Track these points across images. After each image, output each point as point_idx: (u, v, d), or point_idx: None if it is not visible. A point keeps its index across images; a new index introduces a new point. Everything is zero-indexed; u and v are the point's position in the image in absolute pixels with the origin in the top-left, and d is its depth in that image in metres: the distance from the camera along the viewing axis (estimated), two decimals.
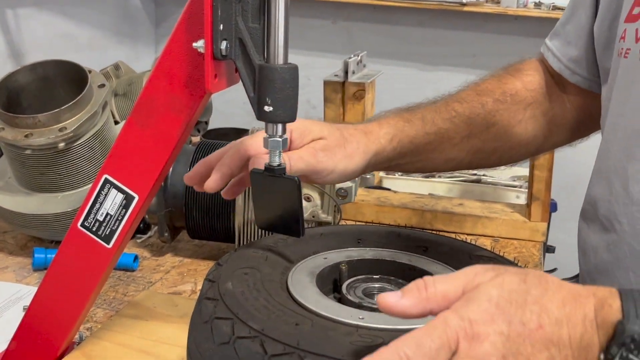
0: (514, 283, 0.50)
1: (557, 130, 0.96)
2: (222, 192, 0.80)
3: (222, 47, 0.63)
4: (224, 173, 0.76)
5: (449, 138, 0.89)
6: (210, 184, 0.76)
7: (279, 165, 0.69)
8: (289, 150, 0.78)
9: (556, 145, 1.00)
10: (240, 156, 0.76)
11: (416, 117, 0.89)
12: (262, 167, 0.70)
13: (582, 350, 0.48)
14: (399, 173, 1.76)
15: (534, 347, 0.47)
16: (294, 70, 0.64)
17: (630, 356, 0.46)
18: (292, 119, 0.66)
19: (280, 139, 0.67)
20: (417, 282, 0.51)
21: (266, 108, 0.64)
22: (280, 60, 0.64)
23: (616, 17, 0.83)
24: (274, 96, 0.64)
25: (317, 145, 0.78)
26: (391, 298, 0.51)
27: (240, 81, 0.66)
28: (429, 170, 0.93)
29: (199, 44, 0.63)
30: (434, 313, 0.51)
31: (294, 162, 0.74)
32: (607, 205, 0.80)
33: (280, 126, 0.67)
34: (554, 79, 0.96)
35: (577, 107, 0.95)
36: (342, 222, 1.13)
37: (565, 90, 0.95)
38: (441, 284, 0.51)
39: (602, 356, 0.48)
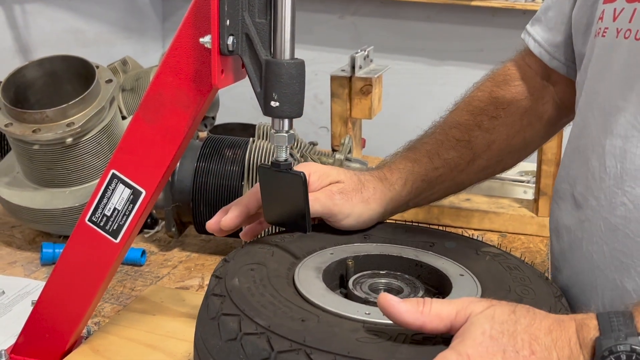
0: (504, 314, 0.55)
1: (554, 130, 0.99)
2: (240, 234, 0.82)
3: (228, 43, 0.63)
4: (241, 211, 0.78)
5: (456, 165, 0.91)
6: (227, 222, 0.77)
7: (285, 160, 0.69)
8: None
9: (551, 136, 1.02)
10: (258, 197, 0.77)
11: (421, 154, 0.90)
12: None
13: None
14: None
15: None
16: (300, 65, 0.64)
17: None
18: (299, 114, 0.66)
19: (286, 134, 0.67)
20: (417, 299, 0.57)
21: (273, 103, 0.64)
22: (287, 56, 0.64)
23: (595, 1, 0.83)
24: (281, 91, 0.64)
25: (334, 188, 0.80)
26: (392, 299, 0.57)
27: (247, 76, 0.66)
28: (443, 197, 0.95)
29: (206, 40, 0.63)
30: (425, 329, 0.56)
31: (310, 203, 0.75)
32: (584, 182, 0.80)
33: (286, 121, 0.67)
34: (539, 76, 0.96)
35: (566, 101, 0.95)
36: None
37: (552, 84, 0.96)
38: (437, 304, 0.57)
39: None
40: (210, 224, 0.79)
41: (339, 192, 0.79)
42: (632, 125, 0.72)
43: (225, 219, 0.77)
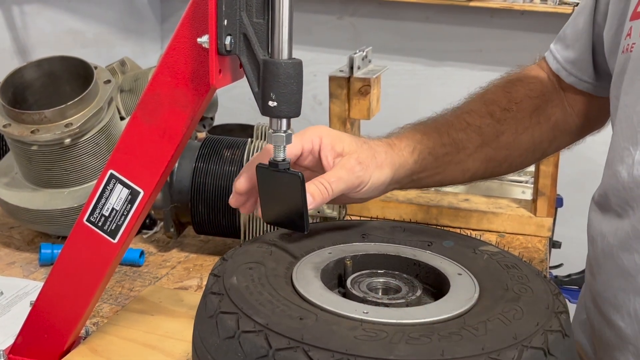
0: None
1: (560, 135, 1.00)
2: (241, 208, 0.80)
3: (226, 43, 0.63)
4: (252, 172, 0.75)
5: (464, 148, 0.91)
6: (240, 185, 0.76)
7: (283, 160, 0.69)
8: (319, 154, 0.78)
9: (559, 148, 1.04)
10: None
11: (431, 129, 0.91)
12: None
13: None
14: None
15: None
16: (298, 65, 0.65)
17: None
18: (297, 114, 0.66)
19: (284, 134, 0.67)
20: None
21: (270, 103, 0.64)
22: (285, 56, 0.64)
23: (622, 20, 0.86)
24: (279, 91, 0.64)
25: (351, 161, 0.79)
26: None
27: (245, 76, 0.67)
28: (447, 183, 0.94)
29: (204, 40, 0.63)
30: None
31: (335, 185, 0.75)
32: (616, 192, 0.83)
33: (284, 121, 0.67)
34: (554, 83, 1.00)
35: (577, 111, 0.99)
36: (347, 218, 1.14)
37: (565, 94, 0.99)
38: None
39: None
40: (231, 199, 0.78)
41: (357, 164, 0.79)
42: None
43: (238, 182, 0.76)
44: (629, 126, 0.80)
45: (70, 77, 1.16)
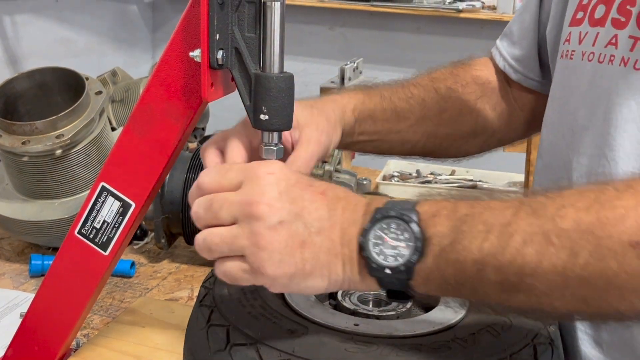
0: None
1: (505, 127, 1.00)
2: None
3: (218, 57, 0.63)
4: (244, 143, 0.72)
5: (405, 118, 0.91)
6: (233, 157, 0.72)
7: None
8: None
9: (503, 142, 1.02)
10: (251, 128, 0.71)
11: (374, 92, 0.91)
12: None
13: (351, 224, 0.56)
14: (396, 179, 1.76)
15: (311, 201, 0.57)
16: (289, 79, 0.65)
17: (378, 230, 0.55)
18: (288, 127, 0.66)
19: (275, 148, 0.67)
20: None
21: (262, 116, 0.65)
22: (276, 70, 0.65)
23: (561, 21, 0.86)
24: (270, 105, 0.64)
25: (315, 132, 0.77)
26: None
27: (237, 90, 0.67)
28: (385, 150, 0.93)
29: (196, 54, 0.63)
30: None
31: (312, 162, 0.75)
32: None
33: (276, 134, 0.67)
34: (501, 77, 0.99)
35: (523, 106, 0.98)
36: None
37: (512, 89, 0.98)
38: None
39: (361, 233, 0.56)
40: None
41: (321, 134, 0.77)
42: (596, 145, 0.74)
43: (231, 155, 0.70)
44: (569, 133, 0.80)
45: (61, 88, 1.16)
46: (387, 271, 0.54)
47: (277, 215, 0.55)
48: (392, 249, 0.54)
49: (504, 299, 0.53)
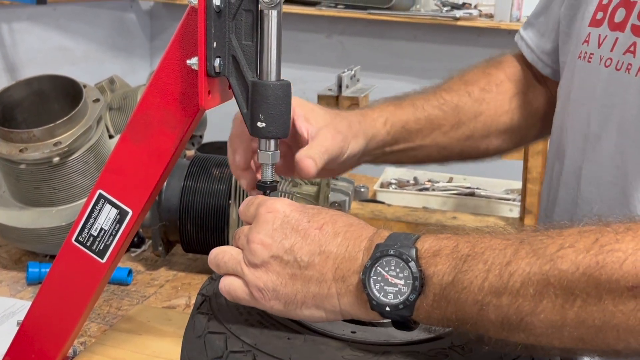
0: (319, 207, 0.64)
1: (540, 123, 0.98)
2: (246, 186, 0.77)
3: (215, 65, 0.63)
4: (246, 147, 0.74)
5: (439, 125, 0.90)
6: (239, 162, 0.74)
7: (271, 182, 0.69)
8: (294, 123, 0.75)
9: (539, 137, 1.02)
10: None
11: (406, 103, 0.90)
12: None
13: (347, 260, 0.59)
14: (394, 186, 1.76)
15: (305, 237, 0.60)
16: (286, 87, 0.65)
17: (378, 268, 0.56)
18: (285, 135, 0.67)
19: (270, 153, 0.67)
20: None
21: (259, 124, 0.65)
22: (273, 77, 0.65)
23: (574, 16, 0.85)
24: (267, 112, 0.65)
25: (331, 131, 0.77)
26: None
27: (234, 97, 0.67)
28: (422, 159, 0.93)
29: (193, 61, 0.64)
30: None
31: (323, 156, 0.73)
32: (564, 205, 0.82)
33: (272, 142, 0.67)
34: (531, 70, 0.97)
35: (554, 101, 0.96)
36: None
37: (542, 83, 0.97)
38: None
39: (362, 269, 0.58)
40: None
41: (337, 133, 0.77)
42: (609, 154, 0.73)
43: (237, 160, 0.73)
44: (581, 139, 0.79)
45: (59, 96, 1.16)
46: (387, 308, 0.56)
47: (268, 251, 0.60)
48: (392, 286, 0.56)
49: (504, 336, 0.54)
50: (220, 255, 0.63)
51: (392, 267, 0.56)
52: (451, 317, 0.55)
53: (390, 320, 0.64)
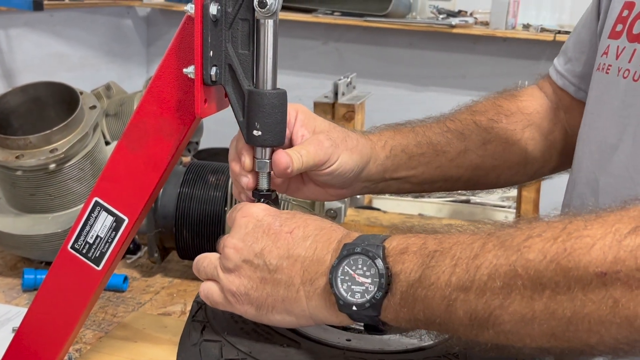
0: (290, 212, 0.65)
1: (557, 155, 0.96)
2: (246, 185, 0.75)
3: (212, 73, 0.64)
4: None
5: (444, 152, 0.88)
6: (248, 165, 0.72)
7: (267, 190, 0.69)
8: (293, 127, 0.75)
9: (555, 170, 0.99)
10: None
11: (406, 129, 0.88)
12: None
13: (314, 262, 0.59)
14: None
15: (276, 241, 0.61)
16: (282, 95, 0.66)
17: (346, 267, 0.57)
18: (281, 143, 0.67)
19: (267, 161, 0.68)
20: None
21: (255, 132, 0.65)
22: (269, 86, 0.65)
23: (600, 31, 0.84)
24: (263, 121, 0.65)
25: (321, 136, 0.75)
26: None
27: (230, 106, 0.68)
28: (426, 188, 0.90)
29: (189, 70, 0.64)
30: None
31: (305, 158, 0.72)
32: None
33: (268, 150, 0.68)
34: (554, 102, 0.95)
35: (574, 127, 0.92)
36: None
37: (568, 114, 0.94)
38: None
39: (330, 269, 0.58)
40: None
41: (327, 139, 0.75)
42: (624, 166, 0.72)
43: (246, 163, 0.71)
44: (597, 150, 0.78)
45: (55, 103, 1.16)
46: (354, 308, 0.56)
47: (240, 255, 0.61)
48: (359, 285, 0.56)
49: (474, 335, 0.53)
50: (201, 260, 0.65)
51: (359, 266, 0.56)
52: (419, 316, 0.54)
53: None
